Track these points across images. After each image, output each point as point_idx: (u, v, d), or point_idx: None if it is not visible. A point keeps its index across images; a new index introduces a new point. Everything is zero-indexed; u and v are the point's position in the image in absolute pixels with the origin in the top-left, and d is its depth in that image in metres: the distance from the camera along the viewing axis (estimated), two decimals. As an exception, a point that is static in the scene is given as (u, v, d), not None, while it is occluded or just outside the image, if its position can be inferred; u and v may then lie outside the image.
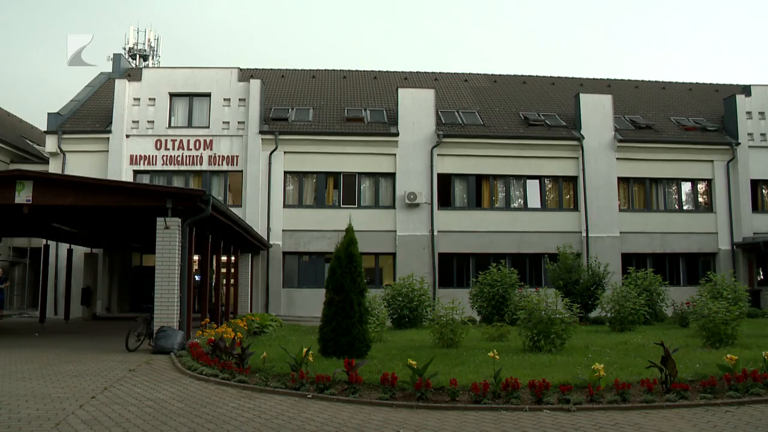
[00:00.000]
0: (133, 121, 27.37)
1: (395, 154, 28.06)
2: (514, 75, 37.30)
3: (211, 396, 9.23)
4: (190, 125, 27.80)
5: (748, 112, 30.75)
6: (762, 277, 30.49)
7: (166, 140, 27.37)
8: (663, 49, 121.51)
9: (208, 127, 27.66)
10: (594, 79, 37.38)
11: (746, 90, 31.62)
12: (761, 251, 28.75)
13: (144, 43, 47.53)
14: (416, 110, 28.42)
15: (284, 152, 27.66)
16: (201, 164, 27.36)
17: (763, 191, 31.00)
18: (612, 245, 28.43)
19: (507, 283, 21.69)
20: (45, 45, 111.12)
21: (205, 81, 28.00)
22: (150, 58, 47.77)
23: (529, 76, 37.32)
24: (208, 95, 27.91)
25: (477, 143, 28.68)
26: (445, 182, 28.56)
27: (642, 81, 37.96)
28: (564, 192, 29.55)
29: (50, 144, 26.94)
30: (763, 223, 29.83)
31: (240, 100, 27.86)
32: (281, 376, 10.22)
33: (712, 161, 30.17)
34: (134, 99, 27.57)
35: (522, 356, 12.65)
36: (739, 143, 30.13)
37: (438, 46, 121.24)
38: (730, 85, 37.50)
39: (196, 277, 21.68)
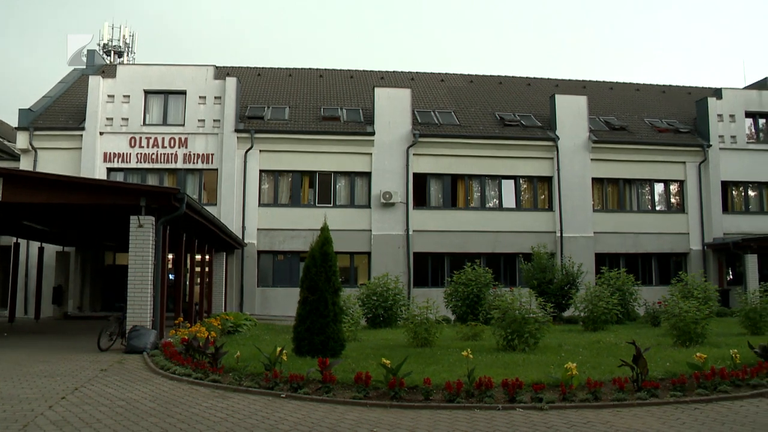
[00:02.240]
0: (107, 119, 27.10)
1: (371, 154, 28.07)
2: (491, 75, 37.45)
3: (184, 396, 9.17)
4: (165, 123, 27.59)
5: (719, 115, 31.18)
6: (731, 277, 30.95)
7: (140, 138, 27.13)
8: (637, 52, 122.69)
9: (184, 125, 27.46)
10: (569, 80, 37.65)
11: (717, 93, 32.06)
12: (731, 252, 29.19)
13: (119, 40, 47.16)
14: (392, 110, 28.45)
15: (260, 151, 27.56)
16: (176, 162, 27.16)
17: (733, 193, 31.47)
18: (586, 245, 28.67)
19: (481, 282, 21.78)
20: (16, 40, 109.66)
21: (181, 78, 27.79)
22: (125, 54, 47.41)
23: (505, 76, 37.50)
24: (183, 93, 27.71)
25: (453, 143, 28.77)
26: (420, 182, 28.62)
27: (617, 83, 38.31)
28: (539, 192, 29.73)
29: (21, 140, 26.57)
30: (732, 224, 30.27)
31: (216, 98, 27.69)
32: (255, 375, 10.19)
33: (684, 162, 30.54)
34: (108, 96, 27.29)
35: (496, 355, 12.71)
36: (711, 145, 30.55)
37: (414, 46, 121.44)
38: (702, 87, 37.95)
39: (170, 276, 21.55)
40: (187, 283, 21.67)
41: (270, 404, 8.66)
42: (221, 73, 29.70)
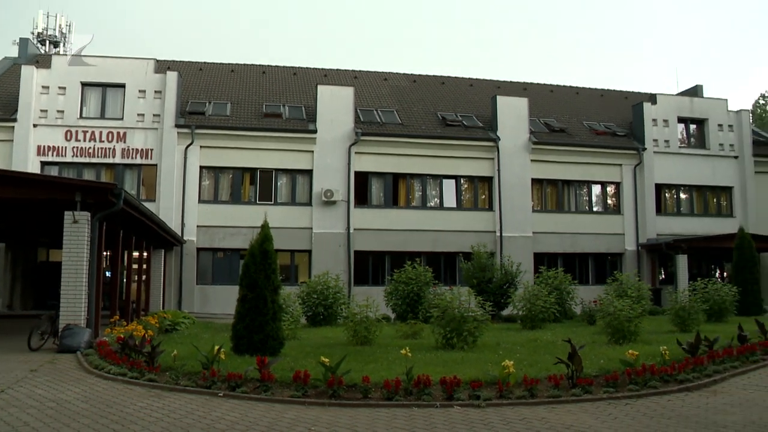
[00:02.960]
0: (42, 110, 26.34)
1: (313, 151, 27.96)
2: (433, 75, 37.70)
3: (119, 396, 8.98)
4: (102, 116, 26.98)
5: (654, 120, 32.09)
6: (663, 276, 31.90)
7: (76, 131, 26.46)
8: (578, 56, 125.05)
9: (122, 118, 26.89)
10: (511, 82, 38.17)
11: (652, 98, 33.02)
12: (663, 252, 30.12)
13: (54, 29, 45.82)
14: (335, 108, 28.38)
15: (200, 146, 27.18)
16: (114, 157, 26.58)
17: (666, 195, 32.44)
18: (525, 245, 29.11)
19: (422, 281, 21.89)
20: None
21: (120, 71, 27.18)
22: (61, 44, 46.12)
23: (448, 77, 37.80)
24: (122, 86, 27.12)
25: (395, 142, 28.87)
26: (362, 180, 28.65)
27: (557, 85, 39.02)
28: (479, 192, 30.06)
29: (-52, 131, 25.64)
30: (665, 225, 31.19)
31: (156, 92, 27.19)
32: (192, 374, 10.05)
33: (620, 165, 31.32)
34: (43, 87, 26.52)
35: (435, 353, 12.81)
36: (646, 149, 31.40)
37: (359, 45, 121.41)
38: (639, 93, 38.99)
39: (107, 273, 21.09)
40: (124, 280, 21.26)
41: (207, 403, 8.55)
42: (162, 66, 29.19)
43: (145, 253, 21.87)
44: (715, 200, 33.15)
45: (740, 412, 8.29)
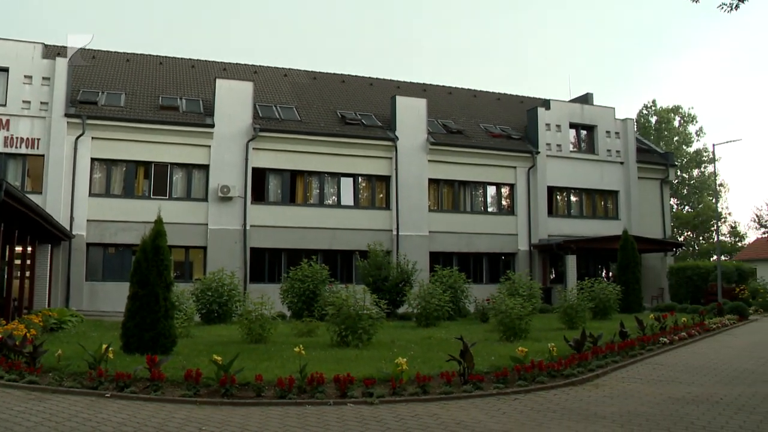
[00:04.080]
0: None
1: (210, 146, 27.47)
2: (334, 73, 37.69)
3: (-6, 400, 8.53)
4: (-18, 102, 25.54)
5: (547, 124, 33.26)
6: (554, 275, 33.12)
7: (-48, 116, 24.96)
8: (475, 59, 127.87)
9: (5, 105, 25.48)
10: (411, 82, 38.65)
11: (546, 104, 34.21)
12: (554, 252, 31.30)
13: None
14: (233, 102, 27.97)
15: (92, 138, 26.17)
16: (-6, 146, 25.24)
17: (558, 197, 33.69)
18: (421, 244, 29.55)
19: (318, 279, 21.92)
20: None
21: (3, 54, 25.73)
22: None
23: (348, 75, 37.90)
24: (5, 70, 25.68)
25: (293, 139, 28.72)
26: (259, 176, 28.37)
27: (455, 88, 39.75)
28: (377, 191, 30.32)
29: None
30: (556, 226, 32.39)
31: (44, 78, 25.93)
32: (78, 375, 9.67)
33: (515, 167, 32.29)
34: None
35: (329, 351, 12.86)
36: (539, 152, 32.50)
37: (258, 39, 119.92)
38: (533, 98, 40.24)
39: (-14, 269, 20.02)
40: (5, 276, 20.23)
41: (93, 404, 8.27)
42: (51, 52, 27.90)
43: (29, 248, 20.90)
44: (602, 203, 34.70)
45: (618, 404, 8.77)
